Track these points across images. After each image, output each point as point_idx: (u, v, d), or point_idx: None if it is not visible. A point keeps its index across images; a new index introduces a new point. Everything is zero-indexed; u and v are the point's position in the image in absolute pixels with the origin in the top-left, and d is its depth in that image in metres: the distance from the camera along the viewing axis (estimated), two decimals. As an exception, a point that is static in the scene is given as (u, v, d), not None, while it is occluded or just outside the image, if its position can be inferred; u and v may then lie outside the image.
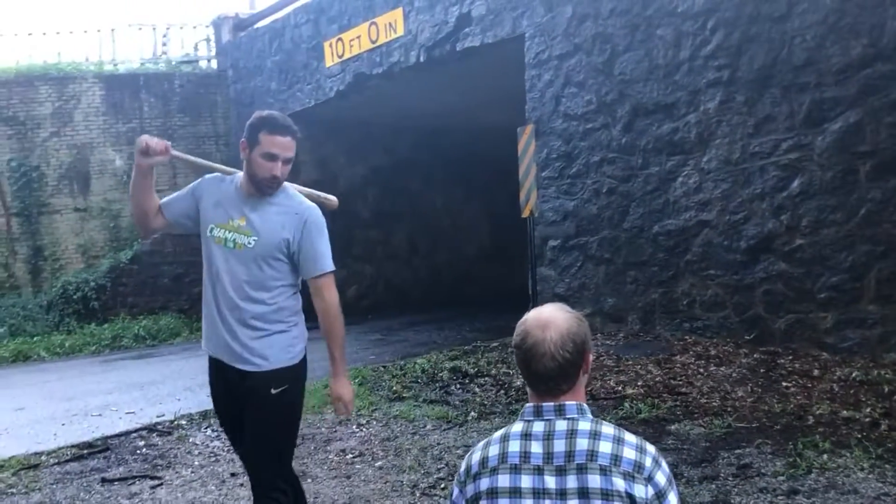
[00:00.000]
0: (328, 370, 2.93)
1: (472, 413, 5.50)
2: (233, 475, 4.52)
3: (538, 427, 1.68)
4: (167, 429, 5.68)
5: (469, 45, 8.73)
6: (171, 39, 14.60)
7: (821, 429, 4.46)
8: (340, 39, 10.63)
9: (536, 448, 1.66)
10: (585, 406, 1.72)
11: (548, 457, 1.64)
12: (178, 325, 11.58)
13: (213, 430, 5.47)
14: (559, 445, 1.64)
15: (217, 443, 5.22)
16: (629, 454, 1.62)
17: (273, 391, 2.77)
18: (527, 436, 1.68)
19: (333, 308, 2.85)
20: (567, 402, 1.70)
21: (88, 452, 5.21)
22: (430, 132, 13.92)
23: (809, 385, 5.27)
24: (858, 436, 4.27)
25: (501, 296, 12.36)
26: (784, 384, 5.35)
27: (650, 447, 1.67)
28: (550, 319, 1.71)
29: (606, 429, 1.66)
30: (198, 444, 5.24)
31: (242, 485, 4.26)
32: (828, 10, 5.84)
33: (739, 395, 5.24)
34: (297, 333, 2.89)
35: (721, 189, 6.57)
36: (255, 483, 2.87)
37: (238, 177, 2.90)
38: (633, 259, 7.30)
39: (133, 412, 6.42)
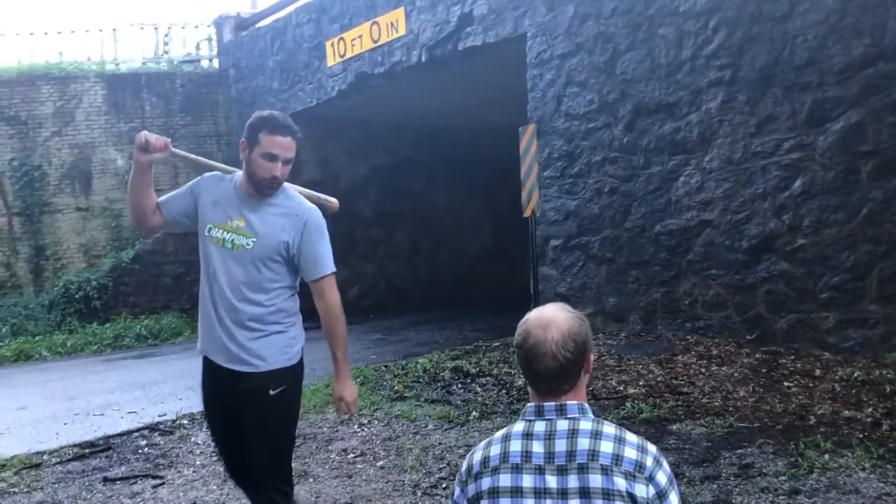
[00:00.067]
0: (330, 370, 2.93)
1: (474, 413, 5.49)
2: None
3: (540, 427, 1.68)
4: (169, 428, 5.68)
5: (471, 45, 8.73)
6: (173, 39, 14.68)
7: (822, 429, 4.46)
8: (342, 39, 10.63)
9: (538, 447, 1.66)
10: (587, 406, 1.72)
11: (549, 456, 1.64)
12: (180, 325, 11.58)
13: (215, 430, 5.47)
14: (560, 445, 1.64)
15: (219, 442, 5.22)
16: (630, 454, 1.62)
17: (271, 392, 2.75)
18: (528, 435, 1.68)
19: (335, 309, 2.84)
20: (568, 402, 1.70)
21: (90, 452, 5.22)
22: (432, 132, 13.91)
23: (811, 385, 5.27)
24: (860, 436, 4.26)
25: (503, 295, 12.36)
26: (786, 384, 5.35)
27: (651, 447, 1.67)
28: (552, 319, 1.71)
29: (608, 428, 1.67)
30: (199, 444, 5.25)
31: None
32: (829, 10, 5.84)
33: (741, 395, 5.24)
34: (295, 334, 2.87)
35: (723, 189, 6.57)
36: (255, 484, 2.85)
37: (237, 176, 2.87)
38: (635, 259, 7.30)
39: (135, 411, 6.43)
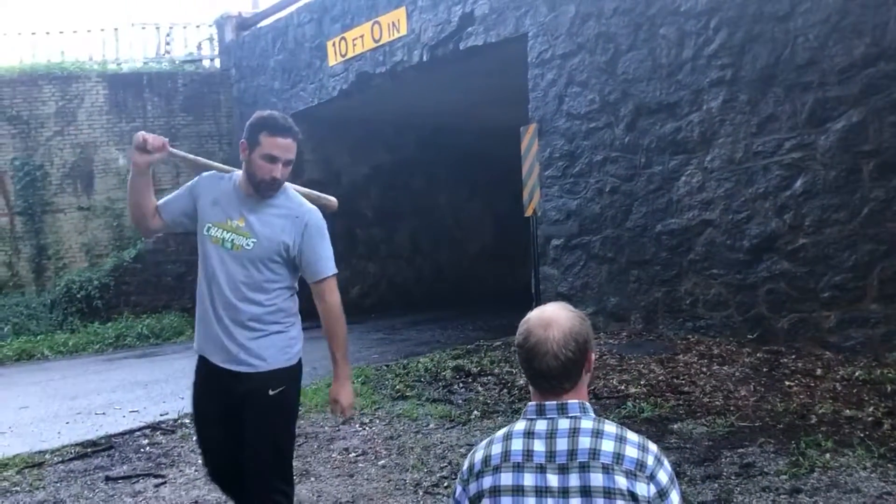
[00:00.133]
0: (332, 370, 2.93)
1: (475, 412, 5.50)
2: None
3: (541, 425, 1.69)
4: (171, 427, 5.69)
5: (472, 45, 8.74)
6: (175, 39, 14.66)
7: (823, 428, 4.46)
8: (343, 39, 10.64)
9: (539, 446, 1.66)
10: (588, 405, 1.73)
11: (550, 455, 1.65)
12: (182, 324, 11.59)
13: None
14: (562, 444, 1.65)
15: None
16: (631, 452, 1.62)
17: (271, 392, 2.75)
18: (529, 434, 1.69)
19: (336, 311, 2.83)
20: (570, 401, 1.70)
21: (92, 451, 5.23)
22: (433, 131, 13.92)
23: (812, 384, 5.27)
24: (861, 435, 4.27)
25: (504, 295, 12.38)
26: (787, 383, 5.35)
27: (652, 445, 1.68)
28: (553, 318, 1.71)
29: (609, 427, 1.67)
30: (201, 443, 5.25)
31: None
32: (830, 10, 5.83)
33: (742, 395, 5.24)
34: (295, 334, 2.86)
35: (724, 188, 6.57)
36: (255, 484, 2.83)
37: (236, 175, 2.86)
38: (636, 258, 7.30)
39: (137, 411, 6.44)
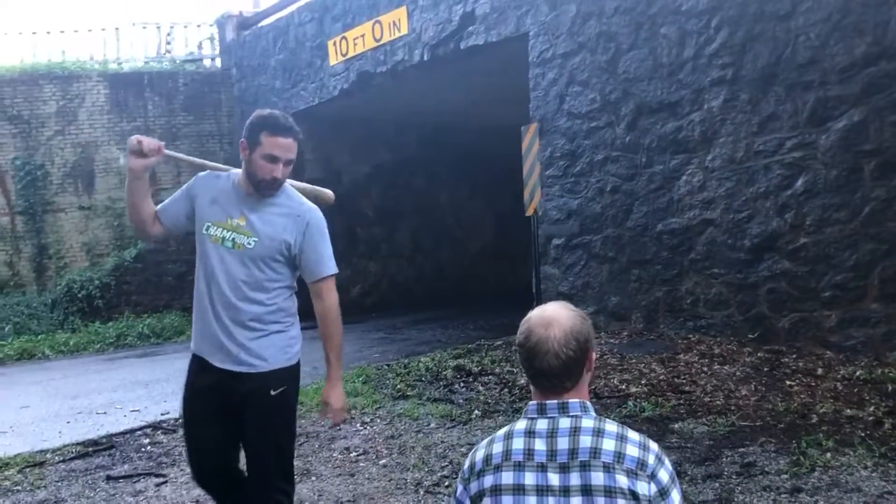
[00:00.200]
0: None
1: (476, 411, 5.50)
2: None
3: (542, 424, 1.69)
4: (172, 426, 5.69)
5: (473, 44, 8.73)
6: (175, 38, 14.64)
7: (824, 427, 4.46)
8: (344, 38, 10.64)
9: (540, 445, 1.66)
10: (589, 404, 1.73)
11: (551, 454, 1.65)
12: (182, 324, 11.59)
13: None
14: (563, 443, 1.65)
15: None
16: (632, 451, 1.62)
17: (273, 392, 2.74)
18: (530, 433, 1.69)
19: (333, 311, 2.83)
20: (570, 400, 1.70)
21: (93, 450, 5.23)
22: (434, 130, 13.92)
23: (813, 384, 5.27)
24: (862, 434, 4.27)
25: (505, 294, 12.38)
26: (788, 383, 5.34)
27: (653, 445, 1.68)
28: (554, 317, 1.71)
29: (610, 426, 1.67)
30: (202, 442, 5.25)
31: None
32: (832, 9, 5.83)
33: (743, 394, 5.24)
34: (295, 334, 2.86)
35: (725, 188, 6.57)
36: (256, 484, 2.83)
37: (234, 174, 2.85)
38: (637, 258, 7.30)
39: (138, 410, 6.45)
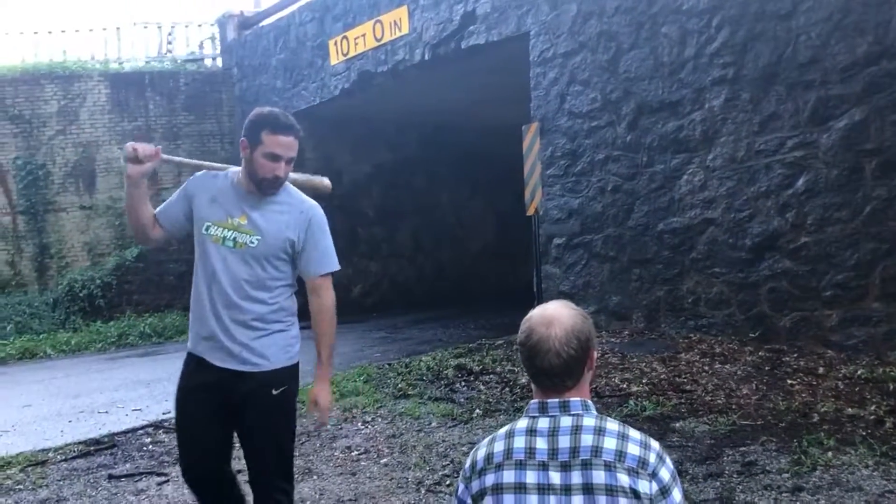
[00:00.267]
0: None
1: (478, 410, 5.50)
2: (238, 472, 4.52)
3: (543, 423, 1.69)
4: (173, 426, 5.66)
5: (474, 43, 8.73)
6: (177, 38, 14.64)
7: (825, 426, 4.46)
8: (345, 37, 10.64)
9: (541, 444, 1.66)
10: (590, 402, 1.73)
11: (552, 453, 1.65)
12: (184, 323, 11.56)
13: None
14: (564, 441, 1.65)
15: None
16: (633, 450, 1.62)
17: (274, 392, 2.74)
18: (532, 432, 1.69)
19: (329, 309, 2.82)
20: (572, 399, 1.71)
21: (95, 449, 5.24)
22: (435, 129, 13.92)
23: (814, 383, 5.27)
24: (863, 433, 4.27)
25: (506, 293, 12.38)
26: (789, 382, 5.34)
27: (654, 443, 1.68)
28: (555, 316, 1.71)
29: (611, 425, 1.67)
30: (204, 441, 5.26)
31: (248, 481, 4.27)
32: (833, 8, 5.83)
33: (744, 393, 5.24)
34: (295, 333, 2.86)
35: (726, 187, 6.57)
36: (256, 484, 2.84)
37: (232, 173, 2.83)
38: (638, 257, 7.30)
39: (139, 409, 6.46)
